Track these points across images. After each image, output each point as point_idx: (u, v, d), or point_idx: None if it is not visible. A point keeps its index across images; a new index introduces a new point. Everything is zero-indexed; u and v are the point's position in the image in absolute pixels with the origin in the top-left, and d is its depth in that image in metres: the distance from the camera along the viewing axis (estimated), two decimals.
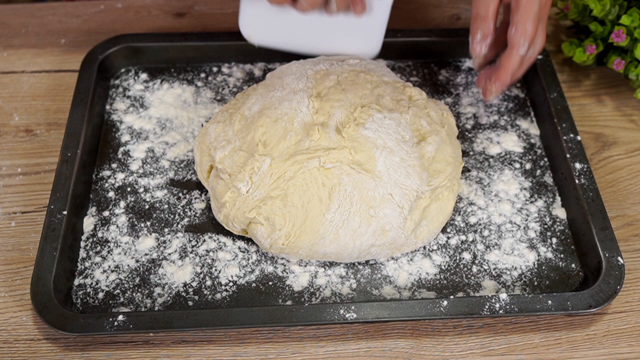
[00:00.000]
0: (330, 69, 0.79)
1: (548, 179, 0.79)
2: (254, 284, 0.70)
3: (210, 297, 0.69)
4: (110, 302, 0.68)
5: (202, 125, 0.83)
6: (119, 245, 0.72)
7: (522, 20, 0.73)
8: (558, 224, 0.75)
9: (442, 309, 0.65)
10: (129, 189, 0.77)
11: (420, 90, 0.80)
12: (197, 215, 0.75)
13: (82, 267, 0.71)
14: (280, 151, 0.71)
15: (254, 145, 0.72)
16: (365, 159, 0.71)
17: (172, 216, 0.75)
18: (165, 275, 0.70)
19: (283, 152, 0.72)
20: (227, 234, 0.73)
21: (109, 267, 0.71)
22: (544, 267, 0.72)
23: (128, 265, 0.71)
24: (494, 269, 0.72)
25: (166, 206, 0.76)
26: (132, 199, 0.76)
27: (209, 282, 0.70)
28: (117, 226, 0.74)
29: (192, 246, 0.73)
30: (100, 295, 0.69)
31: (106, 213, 0.75)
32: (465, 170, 0.80)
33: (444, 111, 0.79)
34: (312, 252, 0.71)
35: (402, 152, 0.72)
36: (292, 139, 0.72)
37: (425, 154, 0.73)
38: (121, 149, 0.81)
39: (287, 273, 0.71)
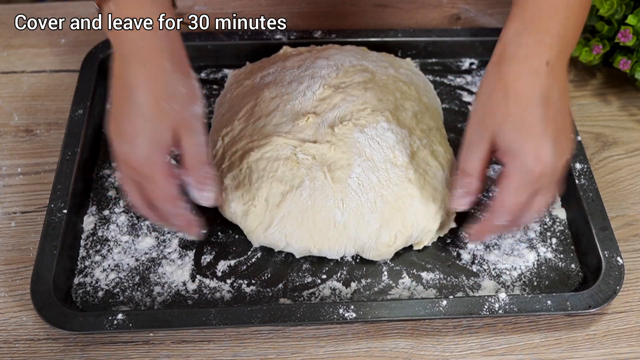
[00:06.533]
0: (371, 68, 0.75)
1: None
2: (253, 284, 0.70)
3: (210, 296, 0.69)
4: (110, 300, 0.68)
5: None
6: (119, 244, 0.72)
7: (502, 191, 0.63)
8: (558, 224, 0.75)
9: (441, 308, 0.65)
10: None
11: (451, 150, 0.75)
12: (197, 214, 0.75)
13: (82, 265, 0.71)
14: (257, 126, 0.69)
15: (238, 112, 0.71)
16: (341, 163, 0.68)
17: None
18: (165, 274, 0.70)
19: (260, 128, 0.69)
20: (228, 233, 0.73)
21: (109, 265, 0.71)
22: (543, 267, 0.72)
23: (128, 264, 0.71)
24: (494, 269, 0.71)
25: None
26: None
27: (208, 281, 0.70)
28: (117, 225, 0.74)
29: (192, 245, 0.73)
30: (100, 293, 0.69)
31: (106, 212, 0.75)
32: None
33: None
34: (267, 240, 0.69)
35: (383, 174, 0.68)
36: (274, 119, 0.70)
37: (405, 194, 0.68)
38: None
39: (286, 272, 0.71)
